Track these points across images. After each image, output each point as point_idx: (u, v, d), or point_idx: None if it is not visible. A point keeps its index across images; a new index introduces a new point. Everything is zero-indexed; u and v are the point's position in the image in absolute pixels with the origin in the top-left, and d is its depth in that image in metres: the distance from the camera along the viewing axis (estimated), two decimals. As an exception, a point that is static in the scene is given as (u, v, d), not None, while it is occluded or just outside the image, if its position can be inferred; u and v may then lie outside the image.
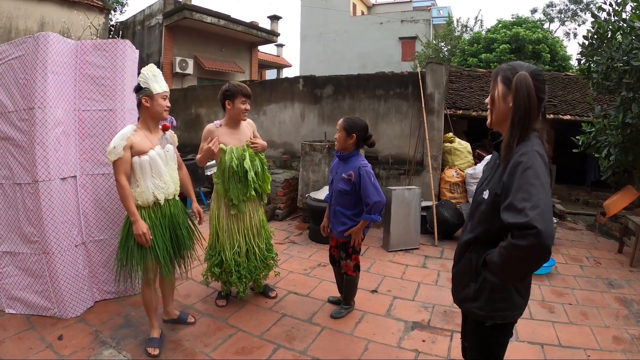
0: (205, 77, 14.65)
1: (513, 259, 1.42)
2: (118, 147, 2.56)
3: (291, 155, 8.20)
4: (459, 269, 1.80)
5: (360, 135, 3.05)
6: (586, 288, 4.07)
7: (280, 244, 5.24)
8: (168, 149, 2.88)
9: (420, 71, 6.96)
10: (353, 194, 3.04)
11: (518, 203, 1.38)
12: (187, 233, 3.01)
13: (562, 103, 8.37)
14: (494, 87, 1.63)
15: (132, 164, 2.67)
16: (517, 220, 1.36)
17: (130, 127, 2.70)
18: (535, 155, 1.45)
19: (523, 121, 1.50)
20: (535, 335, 3.12)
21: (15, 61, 3.07)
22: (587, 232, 6.37)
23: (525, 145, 1.49)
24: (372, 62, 23.27)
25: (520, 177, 1.42)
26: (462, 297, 1.77)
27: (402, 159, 7.02)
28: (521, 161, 1.45)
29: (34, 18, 10.18)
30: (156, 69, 2.78)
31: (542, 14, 22.89)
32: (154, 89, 2.70)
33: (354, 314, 3.38)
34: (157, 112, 2.75)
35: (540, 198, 1.36)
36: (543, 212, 1.33)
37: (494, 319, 1.65)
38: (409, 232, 5.12)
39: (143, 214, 2.72)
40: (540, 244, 1.31)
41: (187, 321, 3.18)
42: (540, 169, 1.44)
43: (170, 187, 2.86)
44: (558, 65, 15.74)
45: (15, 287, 3.24)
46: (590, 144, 5.91)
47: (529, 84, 1.49)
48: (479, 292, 1.65)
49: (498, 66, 1.69)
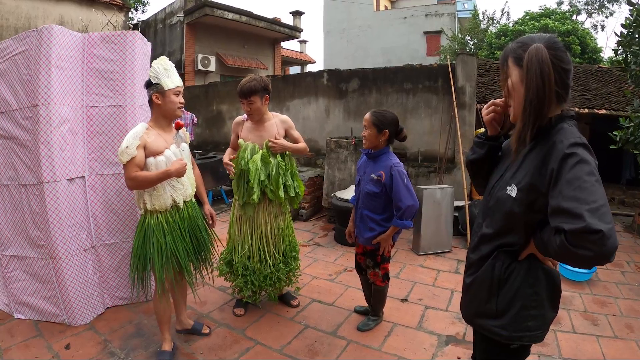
0: (228, 74, 14.56)
1: (570, 259, 1.19)
2: (131, 147, 2.34)
3: (316, 152, 7.94)
4: (476, 277, 1.49)
5: (392, 130, 2.73)
6: (629, 297, 3.72)
7: (304, 247, 4.99)
8: (184, 148, 2.69)
9: (450, 63, 6.60)
10: (383, 196, 2.74)
11: (572, 205, 1.12)
12: (207, 235, 2.82)
13: (597, 97, 7.98)
14: (508, 75, 1.34)
15: (147, 166, 2.45)
16: (574, 226, 1.10)
17: (142, 125, 2.49)
18: (585, 149, 1.20)
19: (536, 105, 1.22)
20: (579, 351, 2.81)
21: (18, 56, 2.91)
22: (625, 233, 5.93)
23: (566, 133, 1.23)
24: (396, 58, 22.80)
25: (572, 173, 1.15)
26: (478, 312, 1.48)
27: (432, 156, 6.69)
28: (571, 153, 1.18)
29: (53, 17, 10.24)
30: (168, 61, 2.54)
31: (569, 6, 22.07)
32: (165, 84, 2.46)
33: (383, 326, 3.10)
34: (170, 109, 2.53)
35: (599, 198, 1.11)
36: (604, 215, 1.09)
37: (521, 340, 1.39)
38: (441, 234, 4.80)
39: (160, 219, 2.52)
40: (603, 251, 1.10)
41: (201, 332, 2.97)
42: (593, 163, 1.18)
43: (188, 188, 2.67)
44: (589, 58, 15.35)
45: (24, 292, 3.12)
46: (628, 139, 5.53)
47: (542, 57, 1.20)
48: (505, 307, 1.38)
49: (506, 47, 1.38)
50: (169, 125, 2.64)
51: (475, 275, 1.50)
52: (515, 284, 1.36)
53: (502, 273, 1.38)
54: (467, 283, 1.56)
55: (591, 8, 21.83)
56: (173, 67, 2.56)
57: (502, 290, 1.39)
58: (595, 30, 22.13)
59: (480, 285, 1.47)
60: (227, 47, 14.72)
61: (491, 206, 1.47)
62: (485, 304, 1.44)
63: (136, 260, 2.55)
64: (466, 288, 1.58)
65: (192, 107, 9.93)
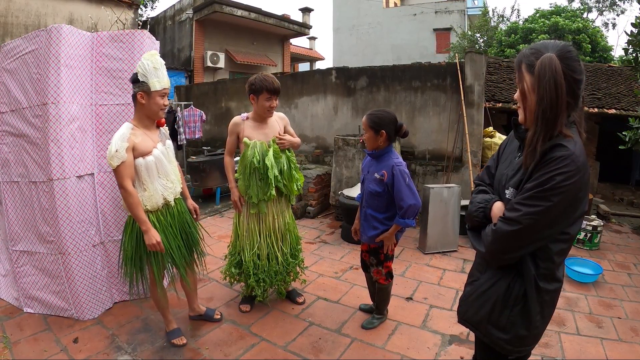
0: (237, 71, 14.57)
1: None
2: (120, 150, 2.32)
3: (324, 149, 7.94)
4: (486, 285, 1.49)
5: (389, 130, 2.72)
6: (635, 300, 3.66)
7: (311, 244, 5.01)
8: (169, 145, 2.69)
9: (459, 61, 6.56)
10: (385, 195, 2.74)
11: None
12: (195, 229, 2.86)
13: (607, 96, 7.89)
14: (521, 79, 1.34)
15: (137, 167, 2.43)
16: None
17: (127, 126, 2.45)
18: (575, 170, 1.23)
19: (549, 116, 1.23)
20: (582, 354, 2.78)
21: (28, 56, 2.96)
22: (634, 235, 5.82)
23: (562, 150, 1.24)
24: (406, 55, 22.69)
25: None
26: (484, 320, 1.47)
27: (439, 155, 6.65)
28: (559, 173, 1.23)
29: (62, 15, 10.29)
30: (158, 59, 2.47)
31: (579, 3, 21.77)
32: (152, 85, 2.42)
33: (387, 325, 3.10)
34: (153, 111, 2.50)
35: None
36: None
37: (520, 353, 1.46)
38: (447, 233, 4.78)
39: (152, 219, 2.51)
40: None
41: (213, 317, 3.10)
42: (577, 186, 1.24)
43: (177, 185, 2.70)
44: (599, 56, 15.14)
45: (33, 287, 3.17)
46: (638, 140, 5.47)
47: (555, 68, 1.21)
48: (514, 323, 1.40)
49: (520, 52, 1.38)
50: (152, 124, 2.62)
51: (487, 283, 1.49)
52: (528, 306, 1.38)
53: (519, 290, 1.39)
54: (475, 285, 1.54)
55: (602, 6, 21.46)
56: (163, 65, 2.50)
57: (516, 307, 1.39)
58: (606, 28, 21.74)
59: (490, 295, 1.46)
60: (236, 44, 14.73)
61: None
62: (491, 314, 1.45)
63: (129, 262, 2.54)
64: (470, 291, 1.57)
65: (201, 104, 9.97)
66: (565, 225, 1.30)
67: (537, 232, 1.28)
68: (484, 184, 1.61)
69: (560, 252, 1.35)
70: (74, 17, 10.44)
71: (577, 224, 1.33)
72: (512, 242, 1.32)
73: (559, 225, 1.29)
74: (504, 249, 1.35)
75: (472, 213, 1.50)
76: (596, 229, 4.93)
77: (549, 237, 1.31)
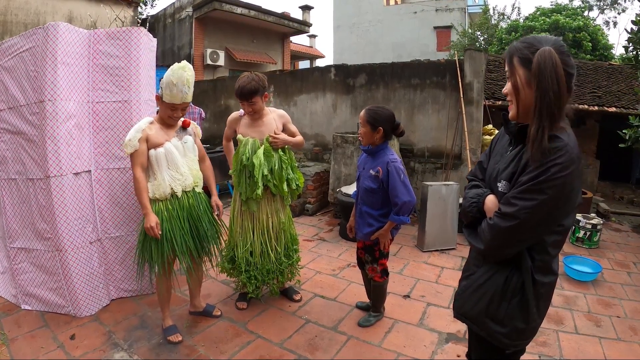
0: (236, 69, 14.53)
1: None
2: (133, 140, 2.55)
3: (323, 147, 7.94)
4: (483, 279, 1.48)
5: (387, 127, 2.71)
6: (635, 298, 3.66)
7: (309, 241, 5.01)
8: (186, 140, 2.79)
9: (458, 59, 6.55)
10: (380, 192, 2.73)
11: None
12: (210, 226, 2.90)
13: (607, 94, 7.87)
14: (513, 73, 1.33)
15: (149, 157, 2.64)
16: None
17: (147, 120, 2.67)
18: (569, 162, 1.23)
19: (552, 109, 1.22)
20: (580, 353, 2.78)
21: (26, 53, 2.96)
22: (633, 234, 5.82)
23: (556, 141, 1.24)
24: (406, 53, 22.65)
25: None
26: (481, 313, 1.47)
27: (439, 152, 6.65)
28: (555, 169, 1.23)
29: (62, 13, 10.28)
30: (183, 74, 2.53)
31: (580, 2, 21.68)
32: (163, 95, 2.60)
33: (384, 323, 3.11)
34: (162, 116, 2.70)
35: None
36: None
37: (516, 347, 1.47)
38: (446, 231, 4.78)
39: (160, 207, 2.68)
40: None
41: (212, 314, 3.14)
42: (572, 177, 1.24)
43: (188, 178, 2.77)
44: (600, 55, 15.07)
45: (31, 284, 3.17)
46: (638, 138, 5.47)
47: (555, 62, 1.20)
48: (511, 316, 1.40)
49: (510, 45, 1.37)
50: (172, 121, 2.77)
51: (483, 276, 1.49)
52: (526, 298, 1.38)
53: (517, 284, 1.39)
54: (472, 279, 1.53)
55: (603, 4, 21.40)
56: (185, 82, 2.54)
57: (514, 299, 1.39)
58: (607, 26, 21.64)
59: (488, 289, 1.45)
60: (236, 42, 14.72)
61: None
62: (488, 306, 1.44)
63: (140, 246, 2.70)
64: (465, 285, 1.57)
65: (201, 101, 9.96)
66: (560, 217, 1.30)
67: (535, 225, 1.28)
68: (477, 179, 1.61)
69: (555, 244, 1.35)
70: (74, 15, 10.43)
71: (571, 215, 1.34)
72: (511, 237, 1.32)
73: (556, 217, 1.29)
74: (504, 245, 1.35)
75: (466, 209, 1.50)
76: (596, 227, 4.93)
77: (546, 229, 1.31)
